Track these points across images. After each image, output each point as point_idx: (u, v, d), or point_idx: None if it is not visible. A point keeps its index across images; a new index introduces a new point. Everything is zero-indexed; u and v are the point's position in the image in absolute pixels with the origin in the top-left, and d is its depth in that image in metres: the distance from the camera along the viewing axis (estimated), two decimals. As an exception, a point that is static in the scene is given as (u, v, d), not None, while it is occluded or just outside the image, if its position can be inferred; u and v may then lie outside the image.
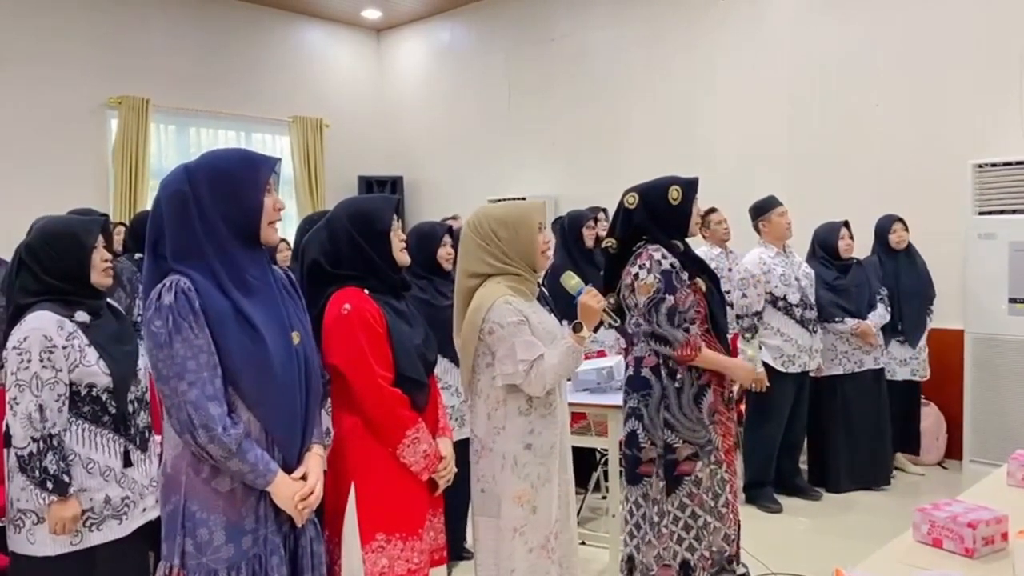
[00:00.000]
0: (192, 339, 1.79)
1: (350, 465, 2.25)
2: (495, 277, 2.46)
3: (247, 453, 1.82)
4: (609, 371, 3.66)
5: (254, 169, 1.90)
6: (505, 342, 2.38)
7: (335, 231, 2.33)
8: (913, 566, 1.46)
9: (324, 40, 8.52)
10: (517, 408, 2.45)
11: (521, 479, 2.43)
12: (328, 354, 2.23)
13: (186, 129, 7.52)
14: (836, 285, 4.71)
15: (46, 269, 2.35)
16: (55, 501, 2.20)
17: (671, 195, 2.90)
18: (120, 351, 2.38)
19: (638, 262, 2.82)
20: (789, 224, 4.55)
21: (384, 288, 2.33)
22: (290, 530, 1.97)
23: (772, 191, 4.70)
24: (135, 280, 4.33)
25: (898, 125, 5.55)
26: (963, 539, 1.64)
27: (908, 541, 1.74)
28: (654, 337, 2.76)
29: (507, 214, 2.49)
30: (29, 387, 2.22)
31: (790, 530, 4.23)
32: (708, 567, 2.79)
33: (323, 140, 8.24)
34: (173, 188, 1.87)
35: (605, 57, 7.16)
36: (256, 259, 1.94)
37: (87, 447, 2.30)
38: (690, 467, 2.77)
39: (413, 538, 2.29)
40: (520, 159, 7.76)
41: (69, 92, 6.70)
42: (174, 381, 1.78)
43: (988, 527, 1.65)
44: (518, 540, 2.42)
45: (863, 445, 4.71)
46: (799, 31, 6.04)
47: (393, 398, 2.24)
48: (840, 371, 4.72)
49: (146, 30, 7.16)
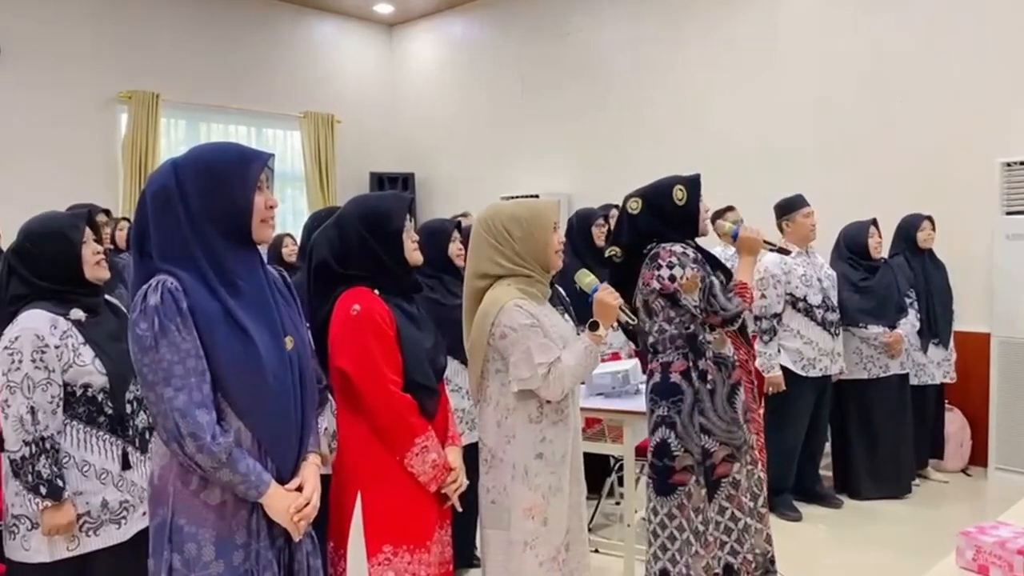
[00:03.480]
0: (179, 342, 1.68)
1: (356, 473, 2.15)
2: (505, 279, 2.34)
3: (238, 463, 1.71)
4: (625, 375, 3.53)
5: (244, 165, 1.78)
6: (518, 346, 2.27)
7: (345, 230, 2.22)
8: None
9: (336, 35, 8.42)
10: (528, 415, 2.34)
11: (532, 490, 2.32)
12: (336, 356, 2.13)
13: (196, 124, 7.45)
14: (863, 287, 4.55)
15: (36, 272, 2.28)
16: (48, 506, 2.12)
17: (676, 195, 2.81)
18: (118, 349, 2.28)
19: (662, 262, 2.71)
20: (814, 226, 4.40)
21: (395, 289, 2.23)
22: (285, 544, 1.86)
23: (791, 189, 4.56)
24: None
25: (923, 123, 5.39)
26: (1012, 567, 1.50)
27: (951, 567, 1.61)
28: (724, 321, 2.74)
29: (521, 212, 2.37)
30: (20, 389, 2.15)
31: (810, 538, 4.10)
32: (751, 570, 2.70)
33: (334, 136, 8.15)
34: (159, 184, 1.76)
35: (619, 53, 7.02)
36: (247, 259, 1.82)
37: (82, 449, 2.22)
38: (727, 469, 2.70)
39: (421, 550, 2.19)
40: (533, 156, 7.64)
41: (79, 87, 6.64)
42: (160, 387, 1.67)
43: (1040, 554, 1.52)
44: (528, 554, 2.31)
45: (887, 452, 4.56)
46: (820, 26, 5.89)
47: (403, 404, 2.14)
48: (866, 375, 4.56)
49: (156, 24, 7.09)
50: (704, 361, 2.72)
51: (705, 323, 2.73)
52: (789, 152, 5.97)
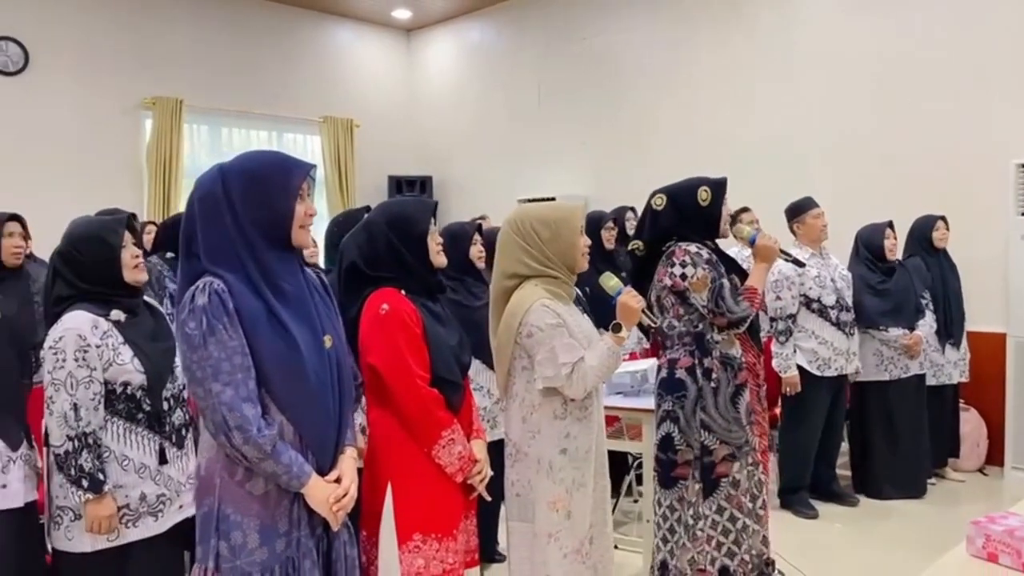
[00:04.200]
0: (226, 340, 1.77)
1: (387, 465, 2.24)
2: (533, 279, 2.42)
3: (281, 455, 1.81)
4: (643, 374, 3.60)
5: (287, 174, 1.87)
6: (544, 345, 2.35)
7: (373, 234, 2.32)
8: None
9: (355, 40, 8.54)
10: (552, 412, 2.42)
11: (556, 484, 2.40)
12: (366, 353, 2.22)
13: (218, 129, 7.58)
14: (881, 289, 4.60)
15: (79, 274, 2.36)
16: (90, 499, 2.21)
17: (700, 196, 2.88)
18: (155, 349, 2.38)
19: (676, 260, 2.79)
20: (825, 226, 4.45)
21: (420, 290, 2.32)
22: (323, 533, 1.95)
23: (806, 191, 4.60)
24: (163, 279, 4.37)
25: (937, 124, 5.42)
26: (1020, 554, 1.57)
27: (962, 555, 1.68)
28: (730, 324, 2.78)
29: (549, 214, 2.45)
30: (64, 386, 2.23)
31: (826, 536, 4.15)
32: (748, 571, 2.75)
33: (353, 140, 8.26)
34: (206, 188, 1.86)
35: (635, 56, 7.09)
36: (288, 262, 1.92)
37: (122, 444, 2.30)
38: (727, 468, 2.75)
39: (448, 539, 2.28)
40: (549, 159, 7.71)
41: (105, 93, 6.78)
42: (208, 382, 1.77)
43: (1048, 542, 1.58)
44: (553, 546, 2.39)
45: (907, 452, 4.60)
46: (835, 27, 5.93)
47: (430, 398, 2.23)
48: (887, 377, 4.60)
49: (180, 32, 7.23)
50: (710, 359, 2.79)
51: (712, 323, 2.80)
52: (803, 154, 6.01)
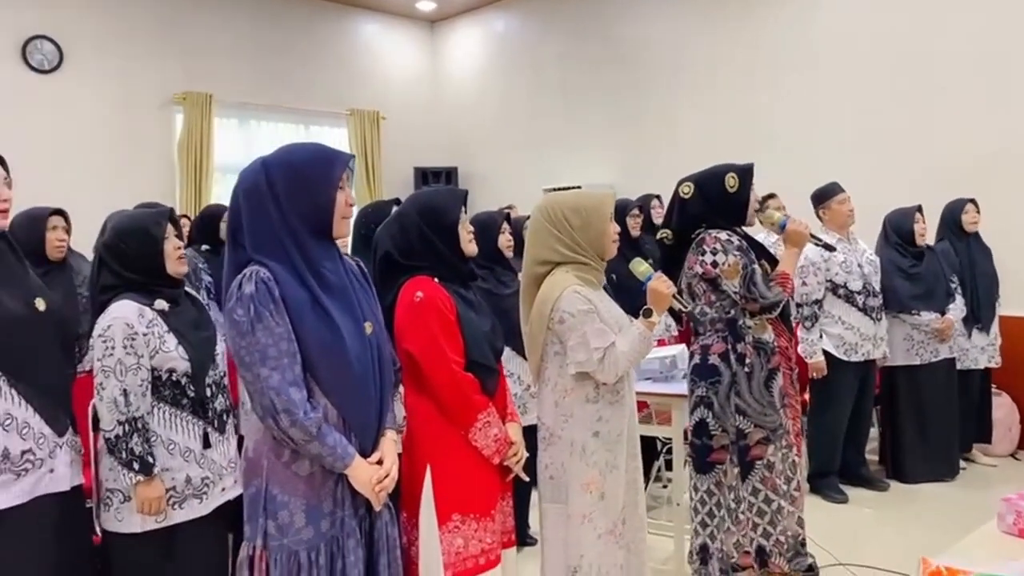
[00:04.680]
0: (273, 327, 1.84)
1: (425, 448, 2.30)
2: (563, 266, 2.47)
3: (326, 437, 1.87)
4: (672, 360, 3.64)
5: (328, 165, 1.94)
6: (576, 331, 2.39)
7: (405, 224, 2.38)
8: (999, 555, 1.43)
9: (380, 33, 8.60)
10: (585, 396, 2.46)
11: (589, 466, 2.44)
12: (402, 340, 2.28)
13: (247, 123, 7.69)
14: (912, 273, 4.59)
15: (124, 264, 2.43)
16: (141, 481, 2.29)
17: (728, 183, 2.90)
18: (198, 337, 2.45)
19: (706, 248, 2.81)
20: (851, 211, 4.45)
21: (453, 277, 2.38)
22: (366, 513, 2.02)
23: (834, 177, 4.60)
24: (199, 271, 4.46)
25: (965, 109, 5.38)
26: (1051, 529, 1.60)
27: (993, 531, 1.71)
28: (763, 309, 2.81)
29: (580, 201, 2.50)
30: (114, 373, 2.30)
31: (856, 520, 4.16)
32: (784, 552, 2.79)
33: (380, 132, 8.34)
34: (250, 181, 1.93)
35: (660, 45, 7.09)
36: (329, 251, 1.99)
37: (168, 429, 2.38)
38: (762, 451, 2.78)
39: (486, 519, 2.34)
40: (574, 149, 7.73)
41: (136, 89, 6.91)
42: (256, 367, 1.84)
43: (1078, 518, 1.61)
44: (587, 527, 2.44)
45: (935, 436, 4.61)
46: (859, 12, 5.90)
47: (466, 382, 2.29)
48: (918, 361, 4.61)
49: (209, 28, 7.33)
50: (743, 345, 2.82)
51: (745, 309, 2.83)
52: (829, 140, 6.00)
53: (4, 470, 2.17)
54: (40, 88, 6.40)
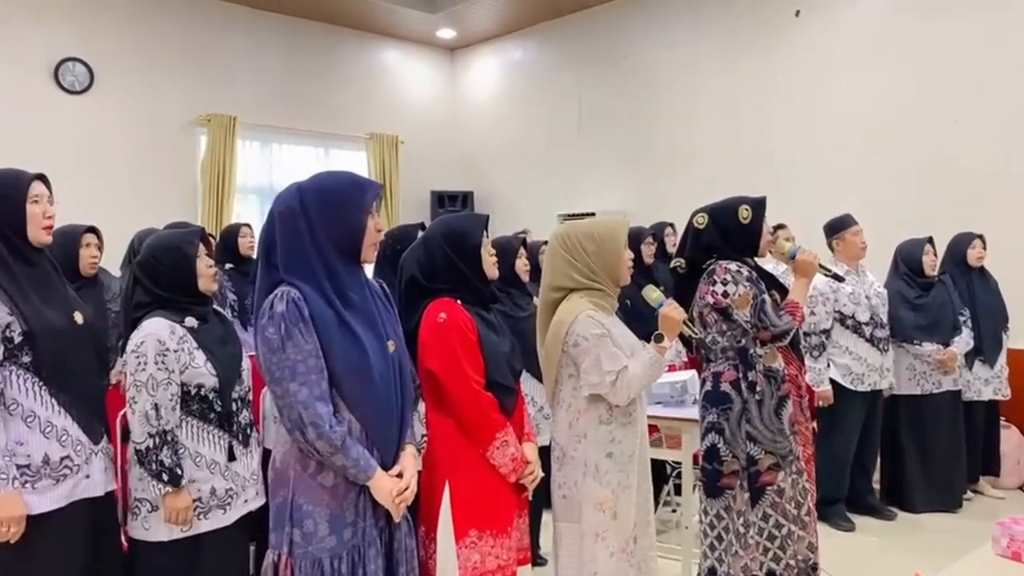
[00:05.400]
0: (302, 344, 1.94)
1: (444, 465, 2.39)
2: (578, 292, 2.56)
3: (350, 450, 1.97)
4: (683, 385, 3.72)
5: (360, 193, 2.06)
6: (589, 354, 2.48)
7: (430, 248, 2.48)
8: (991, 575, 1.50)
9: (400, 59, 8.78)
10: (598, 417, 2.55)
11: (602, 486, 2.52)
12: (425, 359, 2.37)
13: (269, 145, 7.84)
14: (918, 303, 4.66)
15: (157, 282, 2.54)
16: (169, 492, 2.38)
17: (741, 215, 2.98)
18: (225, 353, 2.55)
19: (717, 278, 2.89)
20: (864, 244, 4.52)
21: (475, 300, 2.48)
22: (386, 524, 2.11)
23: (844, 209, 4.68)
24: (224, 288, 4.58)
25: (977, 142, 5.47)
26: (1043, 552, 1.67)
27: (987, 554, 1.78)
28: (773, 338, 2.88)
29: (595, 230, 2.60)
30: (146, 387, 2.40)
31: (863, 548, 4.20)
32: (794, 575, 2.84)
33: (398, 156, 8.49)
34: (286, 205, 2.04)
35: (676, 73, 7.22)
36: (356, 274, 2.10)
37: (195, 442, 2.47)
38: (772, 477, 2.84)
39: (503, 535, 2.42)
40: (590, 175, 7.85)
41: (163, 110, 7.08)
42: (286, 382, 1.93)
43: (1069, 542, 1.68)
44: (600, 545, 2.51)
45: (938, 466, 4.64)
46: (875, 48, 6.01)
47: (485, 401, 2.38)
48: (919, 391, 4.66)
49: (234, 52, 7.52)
50: (754, 373, 2.89)
51: (756, 338, 2.91)
52: (843, 172, 6.08)
53: (45, 475, 2.27)
54: (71, 109, 6.58)
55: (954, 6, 5.60)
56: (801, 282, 3.05)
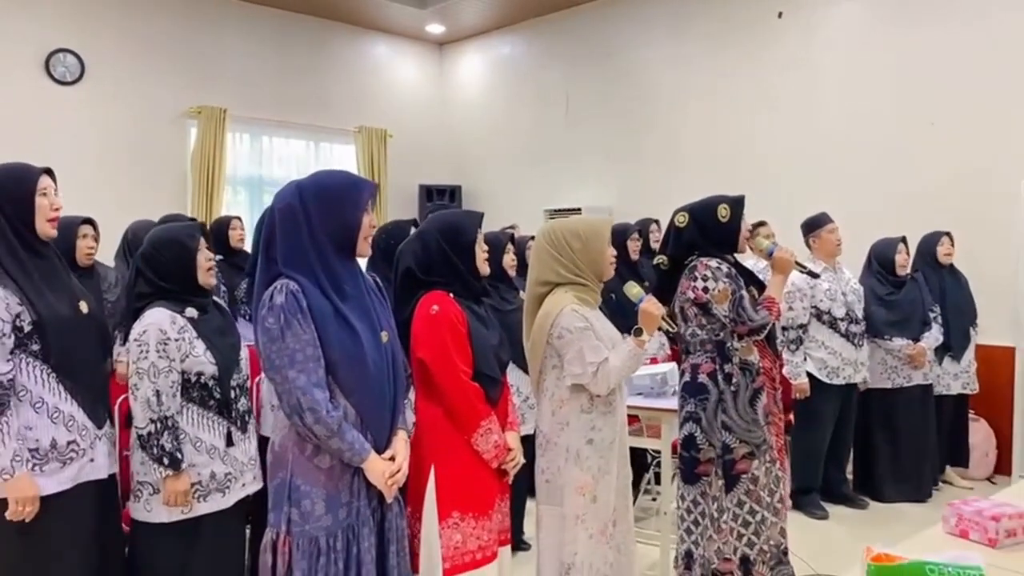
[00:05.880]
0: (300, 334, 2.06)
1: (430, 450, 2.51)
2: (563, 286, 2.69)
3: (346, 434, 2.08)
4: (663, 377, 3.85)
5: (356, 192, 2.17)
6: (573, 346, 2.61)
7: (427, 242, 2.60)
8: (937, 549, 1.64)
9: (389, 54, 8.87)
10: (580, 406, 2.68)
11: (583, 471, 2.66)
12: (417, 349, 2.50)
13: (259, 138, 7.91)
14: (889, 300, 4.82)
15: (159, 274, 2.64)
16: (170, 475, 2.48)
17: (720, 213, 3.09)
18: (224, 343, 2.66)
19: (698, 275, 3.01)
20: (839, 241, 4.67)
21: (467, 294, 2.60)
22: (378, 505, 2.23)
23: (823, 207, 4.83)
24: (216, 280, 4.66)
25: (953, 144, 5.62)
26: (987, 530, 1.82)
27: (938, 532, 1.92)
28: (751, 331, 2.99)
29: (580, 227, 2.73)
30: (147, 375, 2.50)
31: (836, 536, 4.36)
32: (767, 560, 2.98)
33: (386, 149, 8.57)
34: (286, 201, 2.15)
35: (661, 72, 7.35)
36: (351, 267, 2.22)
37: (195, 427, 2.58)
38: (747, 466, 2.97)
39: (484, 518, 2.54)
40: (576, 170, 7.97)
41: (153, 102, 7.14)
42: (285, 370, 2.05)
43: (1011, 520, 1.83)
44: (580, 527, 2.65)
45: (908, 458, 4.82)
46: (855, 48, 6.15)
47: (472, 390, 2.50)
48: (889, 385, 4.84)
49: (225, 45, 7.58)
50: (730, 365, 3.02)
51: (734, 332, 3.04)
52: (822, 171, 6.23)
53: (52, 459, 2.38)
54: (62, 99, 6.64)
55: (933, 11, 5.75)
56: (778, 278, 3.17)
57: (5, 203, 2.40)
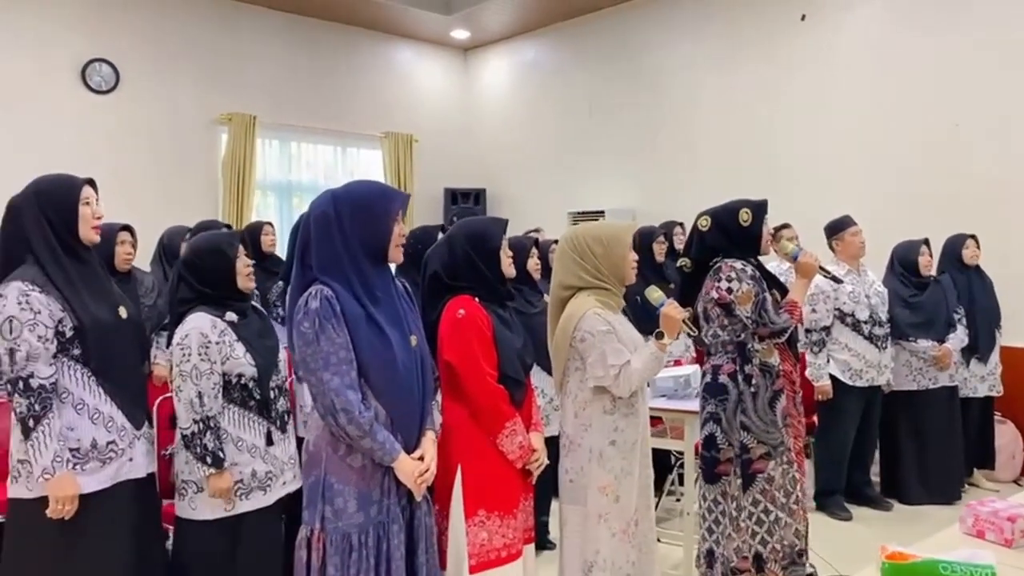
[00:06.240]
0: (334, 337, 2.14)
1: (457, 450, 2.58)
2: (586, 290, 2.76)
3: (377, 434, 2.17)
4: (686, 379, 3.90)
5: (388, 201, 2.26)
6: (595, 349, 2.68)
7: (453, 247, 2.68)
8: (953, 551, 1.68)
9: (415, 59, 8.97)
10: (602, 408, 2.74)
11: (606, 471, 2.72)
12: (444, 351, 2.57)
13: (288, 144, 8.04)
14: (913, 302, 4.83)
15: (200, 279, 2.75)
16: (213, 473, 2.59)
17: (742, 217, 3.15)
18: (263, 345, 2.76)
19: (722, 276, 3.06)
20: (863, 243, 4.69)
21: (492, 298, 2.67)
22: (407, 503, 2.31)
23: (846, 209, 4.85)
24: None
25: (974, 146, 5.60)
26: (1003, 531, 1.86)
27: (955, 532, 1.96)
28: (772, 334, 3.05)
29: (603, 232, 2.80)
30: (190, 377, 2.61)
31: (859, 537, 4.38)
32: (779, 559, 3.02)
33: (412, 154, 8.67)
34: (321, 210, 2.24)
35: (684, 75, 7.38)
36: (383, 274, 2.30)
37: (237, 428, 2.68)
38: (763, 465, 3.02)
39: (509, 516, 2.62)
40: (599, 174, 8.02)
41: (186, 109, 7.29)
42: (320, 372, 2.14)
43: (1026, 520, 1.87)
44: (602, 526, 2.71)
45: (935, 459, 4.81)
46: (877, 49, 6.13)
47: (497, 392, 2.57)
48: (915, 387, 4.84)
49: (254, 53, 7.72)
50: (750, 366, 3.07)
51: (755, 334, 3.08)
52: (844, 173, 6.23)
53: (92, 458, 2.48)
54: (99, 107, 6.81)
55: (955, 14, 5.73)
56: (801, 282, 3.21)
57: (50, 212, 2.52)
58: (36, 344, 2.38)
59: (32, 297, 2.40)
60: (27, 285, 2.41)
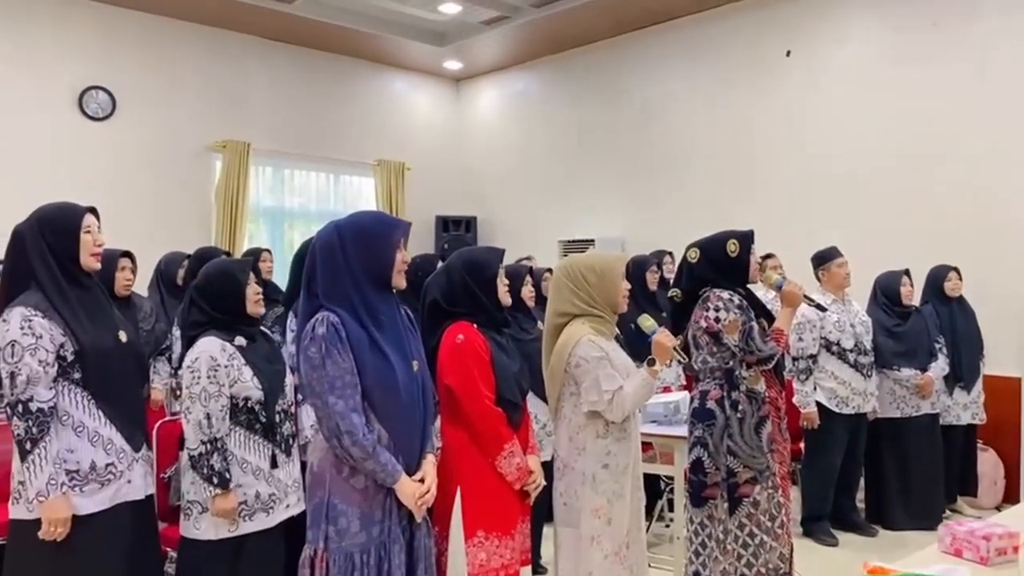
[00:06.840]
0: (340, 362, 2.22)
1: (457, 472, 2.66)
2: (580, 318, 2.85)
3: (380, 456, 2.24)
4: (675, 405, 3.99)
5: (390, 230, 2.35)
6: (589, 375, 2.77)
7: (452, 275, 2.78)
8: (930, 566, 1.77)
9: (408, 89, 9.12)
10: (595, 432, 2.83)
11: (599, 494, 2.80)
12: (443, 376, 2.66)
13: (281, 171, 8.13)
14: (896, 331, 4.95)
15: (212, 304, 2.82)
16: (219, 494, 2.64)
17: (729, 248, 3.26)
18: (270, 369, 2.83)
19: (711, 305, 3.17)
20: (848, 274, 4.81)
21: (489, 324, 2.77)
22: (408, 524, 2.37)
23: (831, 240, 4.97)
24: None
25: (955, 180, 5.73)
26: (979, 549, 1.95)
27: (934, 551, 2.05)
28: (759, 361, 3.13)
29: (596, 262, 2.91)
30: (199, 399, 2.68)
31: (844, 561, 4.45)
32: None
33: (404, 182, 8.78)
34: (326, 240, 2.33)
35: (671, 107, 7.54)
36: (386, 300, 2.38)
37: (242, 449, 2.74)
38: (749, 490, 3.10)
39: (507, 537, 2.69)
40: (589, 203, 8.15)
41: (181, 136, 7.38)
42: (326, 395, 2.21)
43: (1001, 540, 1.96)
44: (595, 547, 2.78)
45: (918, 486, 4.90)
46: (861, 84, 6.28)
47: (495, 415, 2.66)
48: (898, 414, 4.94)
49: (248, 81, 7.84)
50: (737, 393, 3.16)
51: (743, 361, 3.18)
52: (829, 205, 6.36)
53: (92, 480, 2.53)
54: (95, 134, 6.89)
55: (939, 50, 5.89)
56: (787, 311, 3.31)
57: (52, 240, 2.57)
58: (37, 368, 2.42)
59: (35, 322, 2.45)
60: (30, 311, 2.46)
